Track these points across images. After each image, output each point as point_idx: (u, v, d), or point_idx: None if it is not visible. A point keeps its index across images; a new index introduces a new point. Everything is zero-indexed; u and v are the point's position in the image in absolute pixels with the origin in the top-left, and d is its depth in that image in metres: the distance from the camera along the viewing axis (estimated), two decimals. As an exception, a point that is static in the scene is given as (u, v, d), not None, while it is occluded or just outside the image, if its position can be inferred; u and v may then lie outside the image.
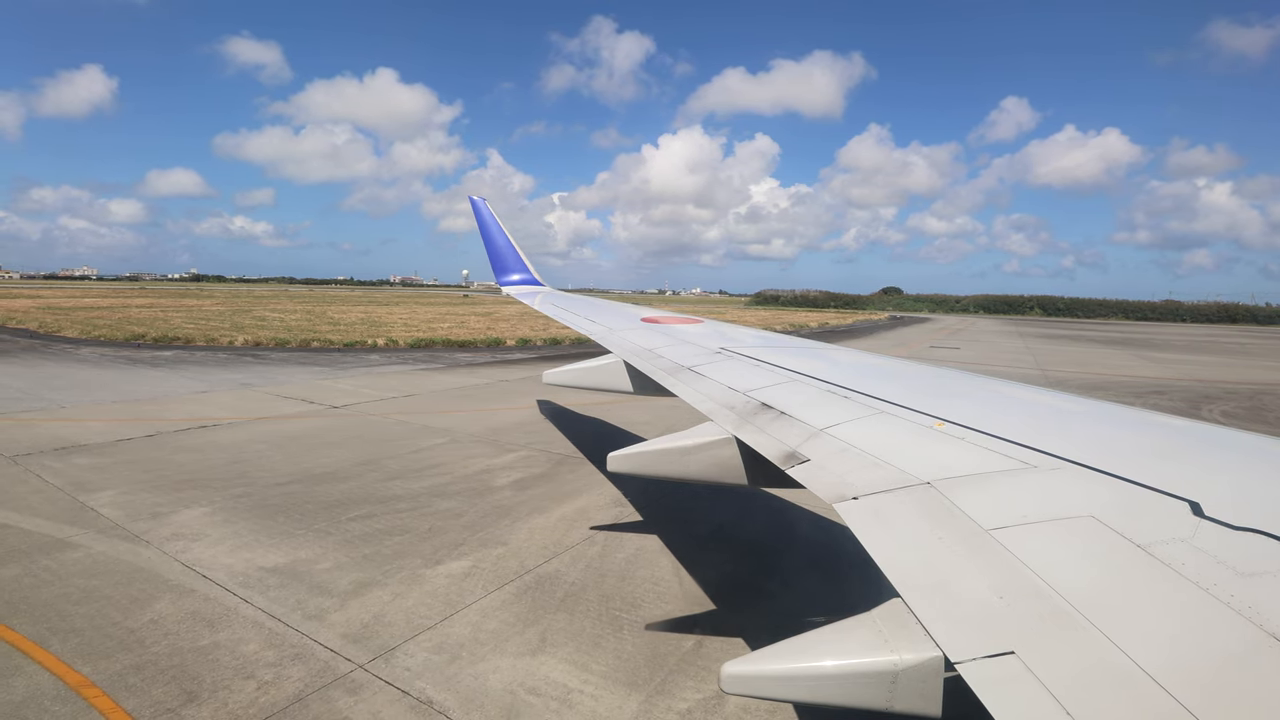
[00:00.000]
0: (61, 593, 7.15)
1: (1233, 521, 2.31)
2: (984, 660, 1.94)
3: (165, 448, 13.19)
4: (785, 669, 2.32)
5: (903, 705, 2.17)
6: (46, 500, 9.94)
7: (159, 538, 8.71)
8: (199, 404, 17.90)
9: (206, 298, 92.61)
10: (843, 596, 7.41)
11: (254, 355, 29.22)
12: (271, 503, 10.23)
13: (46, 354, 27.47)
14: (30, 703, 5.34)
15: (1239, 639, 1.80)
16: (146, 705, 5.38)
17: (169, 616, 6.76)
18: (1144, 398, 25.18)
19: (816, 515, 10.00)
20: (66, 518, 9.27)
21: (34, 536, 8.59)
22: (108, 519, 9.27)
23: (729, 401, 5.13)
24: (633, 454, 4.85)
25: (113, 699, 5.43)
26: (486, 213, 16.61)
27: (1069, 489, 2.79)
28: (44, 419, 15.38)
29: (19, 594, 7.08)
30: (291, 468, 12.13)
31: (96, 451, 12.70)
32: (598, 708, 5.59)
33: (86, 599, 7.04)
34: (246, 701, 5.48)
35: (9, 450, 12.52)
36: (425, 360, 29.49)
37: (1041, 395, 4.78)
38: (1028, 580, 2.22)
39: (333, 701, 5.53)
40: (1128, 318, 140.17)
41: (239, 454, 12.93)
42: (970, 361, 36.66)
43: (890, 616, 2.30)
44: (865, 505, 3.02)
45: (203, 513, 9.68)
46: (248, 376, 22.84)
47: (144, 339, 34.08)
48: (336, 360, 28.43)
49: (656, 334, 8.95)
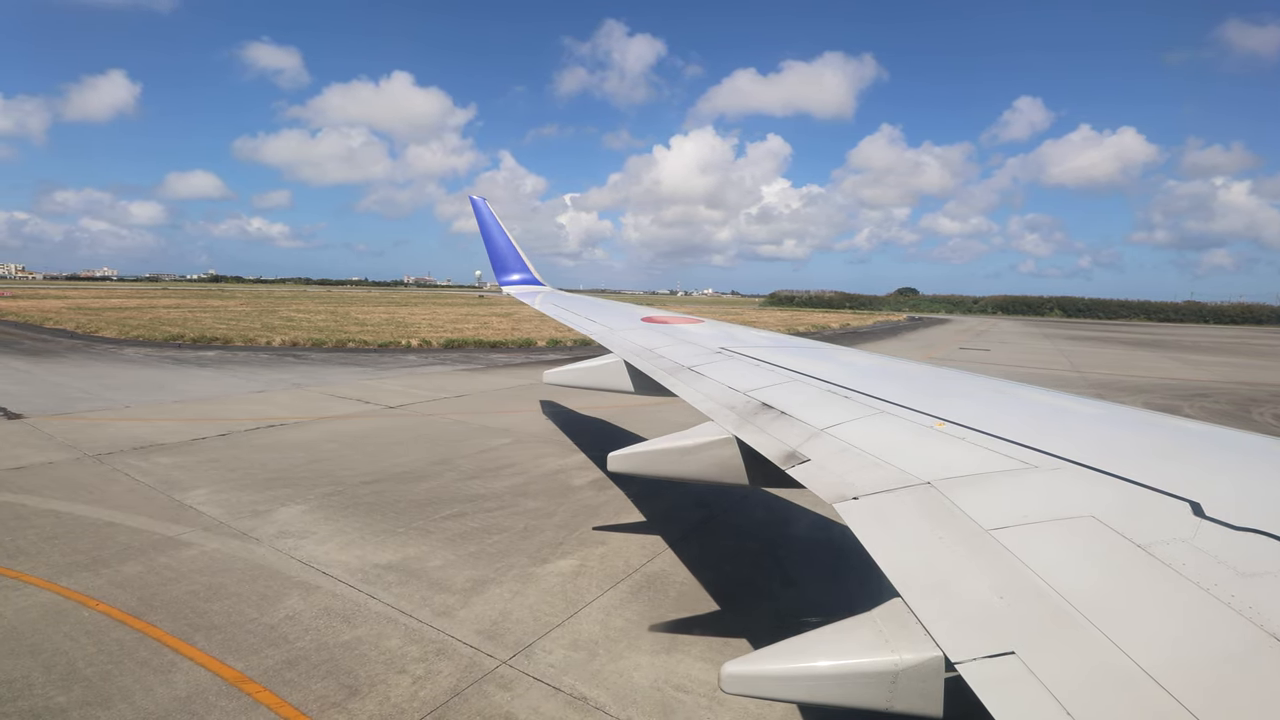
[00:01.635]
0: (190, 589, 7.26)
1: (1233, 522, 2.30)
2: (984, 660, 1.93)
3: (241, 446, 13.35)
4: (785, 669, 2.31)
5: (903, 705, 2.16)
6: (143, 498, 10.09)
7: (267, 535, 8.83)
8: (258, 404, 18.09)
9: (229, 298, 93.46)
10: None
11: (295, 356, 29.48)
12: (364, 501, 10.33)
13: (92, 354, 27.82)
14: (196, 698, 5.44)
15: (1239, 639, 1.79)
16: (311, 699, 5.47)
17: (303, 613, 6.86)
18: (1190, 400, 24.97)
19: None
20: (169, 515, 9.41)
21: (143, 534, 8.73)
22: (210, 517, 9.40)
23: (729, 401, 5.11)
24: (633, 454, 4.87)
25: (275, 694, 5.52)
26: (487, 212, 16.60)
27: (1069, 489, 2.78)
28: (113, 418, 15.59)
29: (149, 590, 7.20)
30: (370, 467, 12.25)
31: (176, 450, 12.87)
32: (748, 704, 5.62)
33: (216, 595, 7.15)
34: (407, 695, 5.56)
35: (91, 449, 12.72)
36: (462, 361, 29.64)
37: (1042, 395, 4.74)
38: (1028, 580, 2.22)
39: (489, 697, 5.60)
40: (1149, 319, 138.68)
41: (315, 453, 13.07)
42: (1004, 363, 36.45)
43: (891, 616, 2.30)
44: (866, 505, 3.01)
45: (301, 510, 9.80)
46: (296, 377, 23.05)
47: (182, 339, 34.44)
48: (375, 361, 28.62)
49: (657, 333, 8.91)
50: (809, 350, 7.21)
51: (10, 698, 5.33)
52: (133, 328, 38.20)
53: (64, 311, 50.98)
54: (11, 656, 5.89)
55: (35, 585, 7.22)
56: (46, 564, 7.72)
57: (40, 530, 8.72)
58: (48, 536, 8.52)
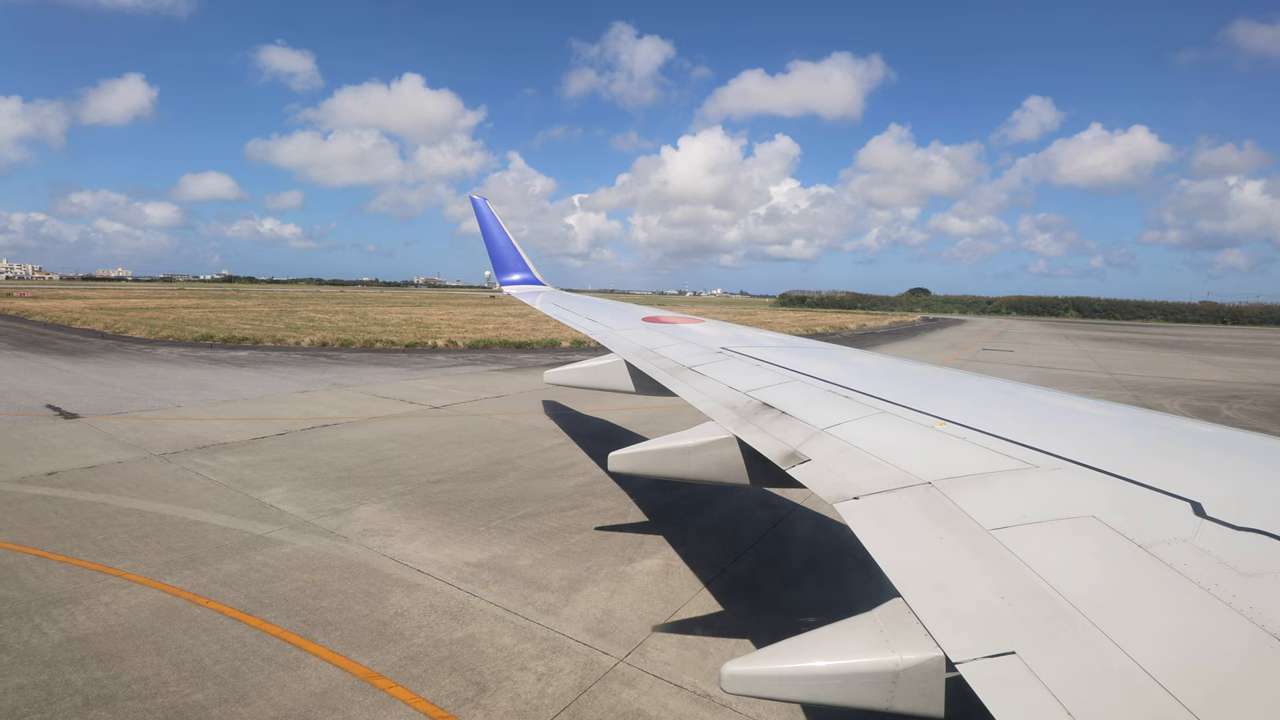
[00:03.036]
0: (295, 587, 7.34)
1: (1234, 522, 2.29)
2: (985, 660, 1.93)
3: (302, 446, 13.45)
4: (786, 669, 2.31)
5: (903, 705, 2.16)
6: (222, 497, 10.19)
7: (353, 533, 8.91)
8: (306, 403, 18.22)
9: (245, 298, 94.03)
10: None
11: (327, 356, 29.65)
12: (437, 500, 10.40)
13: (127, 354, 28.06)
14: (332, 694, 5.50)
15: (1240, 639, 1.79)
16: (444, 695, 5.52)
17: (410, 610, 6.92)
18: (1226, 402, 24.79)
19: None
20: (252, 514, 9.51)
21: (232, 533, 8.82)
22: (293, 515, 9.49)
23: (730, 401, 5.10)
24: (634, 453, 4.87)
25: (408, 689, 5.58)
26: (487, 212, 16.56)
27: (1070, 489, 2.77)
28: (167, 418, 15.74)
29: (255, 588, 7.28)
30: (434, 466, 12.33)
31: (239, 450, 12.99)
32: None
33: (321, 593, 7.22)
34: (535, 692, 5.61)
35: (155, 448, 12.85)
36: (491, 362, 29.73)
37: (1042, 395, 4.72)
38: (1029, 580, 2.21)
39: (616, 694, 5.64)
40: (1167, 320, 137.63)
41: (375, 453, 13.16)
42: (1031, 364, 36.28)
43: (891, 616, 2.29)
44: (866, 505, 3.01)
45: (379, 509, 9.88)
46: (333, 376, 23.19)
47: (212, 339, 34.70)
48: (405, 361, 28.75)
49: (657, 333, 8.89)
50: (809, 350, 7.20)
51: (147, 695, 5.40)
52: (160, 328, 38.51)
53: (87, 312, 51.39)
54: (138, 654, 5.97)
55: (140, 583, 7.31)
56: (145, 562, 7.82)
57: (129, 529, 8.82)
58: (138, 535, 8.62)
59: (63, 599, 6.89)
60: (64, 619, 6.51)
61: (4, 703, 5.23)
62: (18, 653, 5.91)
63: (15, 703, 5.23)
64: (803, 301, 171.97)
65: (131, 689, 5.46)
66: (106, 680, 5.56)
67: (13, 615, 6.54)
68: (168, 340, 34.43)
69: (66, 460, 11.85)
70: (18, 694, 5.34)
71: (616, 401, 18.78)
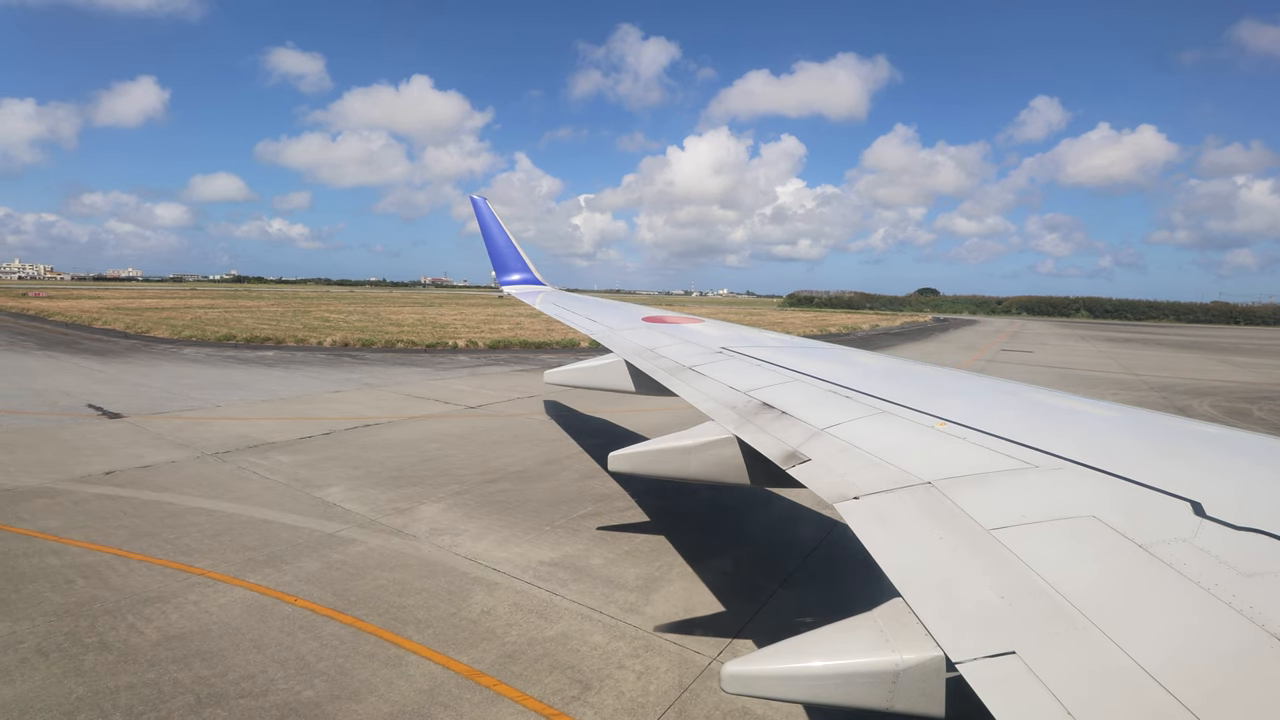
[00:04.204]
0: (377, 585, 7.39)
1: (1234, 521, 2.28)
2: (985, 660, 1.92)
3: (349, 445, 13.52)
4: (786, 669, 2.30)
5: (904, 705, 2.15)
6: (285, 496, 10.26)
7: (421, 532, 8.96)
8: (342, 403, 18.31)
9: (257, 299, 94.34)
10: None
11: (351, 356, 29.77)
12: (495, 500, 10.45)
13: (154, 354, 28.23)
14: (439, 690, 5.55)
15: (1240, 639, 1.78)
16: (550, 692, 5.56)
17: (496, 608, 6.96)
18: (1256, 404, 24.66)
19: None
20: (318, 513, 9.57)
21: (302, 531, 8.88)
22: (358, 514, 9.55)
23: (730, 401, 5.10)
24: (634, 453, 4.87)
25: (512, 686, 5.62)
26: (487, 211, 16.56)
27: (1070, 489, 2.77)
28: (209, 417, 15.84)
29: (339, 586, 7.33)
30: (484, 466, 12.38)
31: (290, 449, 13.06)
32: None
33: (405, 591, 7.26)
34: (638, 690, 5.64)
35: (206, 448, 12.94)
36: (515, 362, 29.79)
37: (1042, 395, 4.71)
38: (1029, 580, 2.21)
39: (717, 693, 5.66)
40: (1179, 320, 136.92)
41: (422, 452, 13.22)
42: (1053, 364, 36.16)
43: (891, 616, 2.29)
44: (866, 505, 3.01)
45: (440, 509, 9.93)
46: (362, 376, 23.28)
47: (235, 339, 34.88)
48: (430, 361, 28.83)
49: (657, 333, 8.87)
50: (809, 350, 7.20)
51: (258, 693, 5.45)
52: (180, 328, 38.70)
53: (105, 312, 51.63)
54: (238, 652, 6.03)
55: (225, 582, 7.37)
56: (225, 561, 7.88)
57: (200, 528, 8.89)
58: (211, 534, 8.68)
59: (152, 597, 6.95)
60: (157, 617, 6.57)
61: (118, 701, 5.28)
62: (120, 651, 5.97)
63: (130, 700, 5.29)
64: (811, 302, 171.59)
65: (241, 687, 5.51)
66: (213, 678, 5.61)
67: (107, 614, 6.60)
68: (191, 340, 34.62)
69: (121, 460, 11.94)
70: (130, 692, 5.40)
71: (657, 402, 18.77)
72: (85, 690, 5.39)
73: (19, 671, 5.62)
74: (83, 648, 6.01)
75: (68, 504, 9.69)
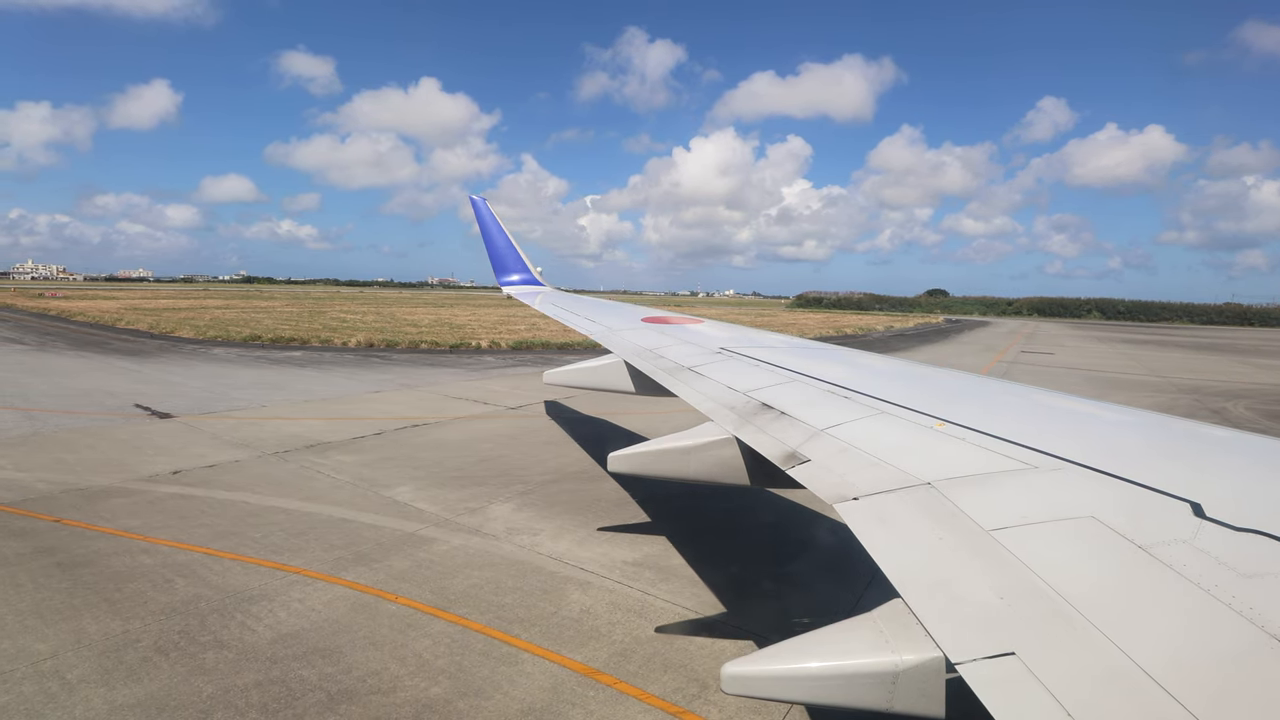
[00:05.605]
0: (471, 583, 7.46)
1: (1234, 522, 2.28)
2: (985, 661, 1.92)
3: (403, 445, 13.62)
4: (786, 669, 2.31)
5: (904, 706, 2.16)
6: (355, 495, 10.35)
7: (498, 531, 9.03)
8: (383, 403, 18.42)
9: (270, 299, 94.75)
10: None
11: (379, 357, 29.90)
12: (561, 500, 10.52)
13: (184, 354, 28.42)
14: (561, 688, 5.61)
15: (1240, 640, 1.78)
16: (670, 691, 5.61)
17: (594, 608, 7.02)
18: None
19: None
20: (393, 512, 9.65)
21: (383, 530, 8.96)
22: (432, 514, 9.63)
23: (730, 401, 5.10)
24: (633, 454, 4.90)
25: (632, 685, 5.67)
26: (486, 212, 16.58)
27: (1070, 489, 2.77)
28: (258, 417, 15.96)
29: (434, 584, 7.41)
30: (541, 466, 12.45)
31: (346, 449, 13.16)
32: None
33: (500, 589, 7.33)
34: (757, 691, 5.68)
35: (265, 447, 13.05)
36: (541, 363, 29.82)
37: (1042, 395, 4.71)
38: (1029, 581, 2.20)
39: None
40: (1192, 321, 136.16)
41: (477, 452, 13.31)
42: (1076, 366, 36.06)
43: (891, 617, 2.29)
44: (866, 505, 3.01)
45: (511, 509, 10.00)
46: (396, 377, 23.39)
47: (260, 340, 35.07)
48: (457, 362, 28.93)
49: (657, 333, 8.89)
50: (808, 351, 7.21)
51: (386, 690, 5.52)
52: (203, 328, 38.96)
53: (124, 312, 51.94)
54: (354, 649, 6.10)
55: (322, 580, 7.45)
56: (316, 559, 7.96)
57: (281, 526, 8.98)
58: (293, 533, 8.77)
59: (255, 596, 7.03)
60: (265, 615, 6.65)
61: (250, 698, 5.36)
62: (238, 649, 6.05)
63: (262, 698, 5.36)
64: (820, 302, 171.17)
65: (367, 684, 5.58)
66: (338, 675, 5.68)
67: (215, 613, 6.68)
68: (216, 340, 34.82)
69: (185, 459, 12.05)
70: (259, 690, 5.47)
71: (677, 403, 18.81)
72: (214, 688, 5.47)
73: (143, 670, 5.70)
74: (200, 646, 6.08)
75: (143, 503, 9.79)
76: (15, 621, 6.43)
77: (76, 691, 5.37)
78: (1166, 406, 22.60)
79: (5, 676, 5.53)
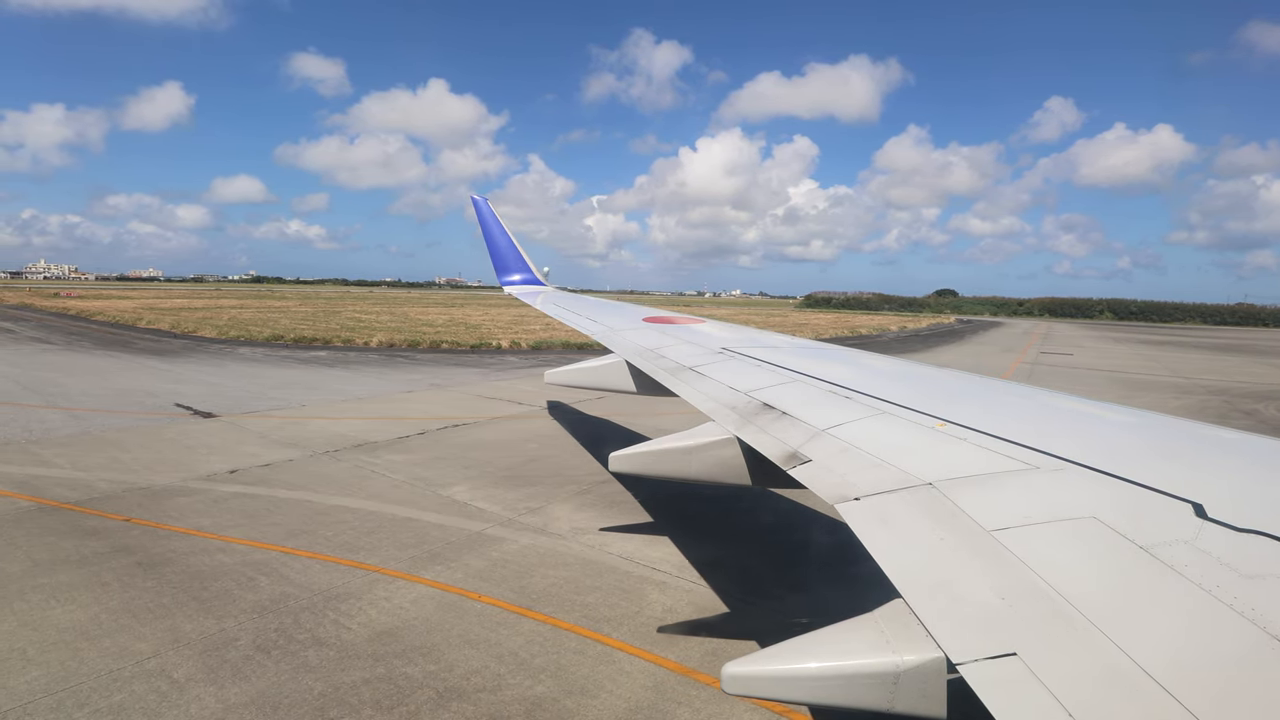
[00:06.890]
0: (550, 582, 7.53)
1: (1235, 523, 2.28)
2: (986, 661, 1.92)
3: (449, 445, 13.71)
4: (786, 669, 2.31)
5: (905, 706, 2.15)
6: (415, 494, 10.44)
7: (564, 531, 9.10)
8: (419, 403, 18.53)
9: (283, 299, 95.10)
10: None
11: (404, 357, 30.04)
12: (619, 501, 10.58)
13: (212, 354, 28.60)
14: (663, 687, 5.67)
15: (1242, 641, 1.78)
16: (772, 692, 5.65)
17: (675, 607, 7.08)
18: (1320, 405, 24.39)
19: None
20: (455, 511, 9.74)
21: (450, 530, 9.04)
22: (494, 513, 9.71)
23: (731, 401, 5.10)
24: (634, 454, 4.90)
25: (732, 685, 5.72)
26: (488, 212, 16.59)
27: (1071, 490, 2.77)
28: (301, 416, 16.08)
29: (513, 583, 7.48)
30: (590, 466, 12.53)
31: (395, 448, 13.26)
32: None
33: (579, 589, 7.40)
34: (856, 691, 5.73)
35: (315, 447, 13.16)
36: (562, 362, 29.72)
37: (1043, 396, 4.70)
38: (1030, 581, 2.20)
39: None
40: (1205, 322, 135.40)
41: (524, 452, 13.39)
42: (1098, 368, 35.95)
43: (892, 617, 2.29)
44: (867, 506, 3.01)
45: (571, 508, 10.07)
46: (424, 377, 23.51)
47: (283, 339, 35.26)
48: (481, 362, 29.02)
49: (658, 333, 8.90)
50: (809, 351, 7.22)
51: (491, 688, 5.59)
52: (223, 328, 39.21)
53: (142, 312, 52.21)
54: (451, 647, 6.17)
55: (403, 579, 7.53)
56: (392, 558, 8.04)
57: (350, 525, 9.07)
58: (364, 531, 8.86)
59: (341, 594, 7.12)
60: (356, 614, 6.73)
61: (362, 695, 5.43)
62: (337, 647, 6.13)
63: (374, 695, 5.44)
64: (829, 303, 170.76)
65: (472, 682, 5.65)
66: (442, 674, 5.76)
67: (306, 611, 6.77)
68: (240, 340, 35.03)
69: (238, 459, 12.17)
70: (368, 687, 5.55)
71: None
72: (324, 686, 5.55)
73: (248, 668, 5.78)
74: (299, 644, 6.17)
75: (208, 501, 9.90)
76: (110, 620, 6.52)
77: (187, 690, 5.45)
78: (1197, 408, 22.54)
79: (114, 675, 5.62)
